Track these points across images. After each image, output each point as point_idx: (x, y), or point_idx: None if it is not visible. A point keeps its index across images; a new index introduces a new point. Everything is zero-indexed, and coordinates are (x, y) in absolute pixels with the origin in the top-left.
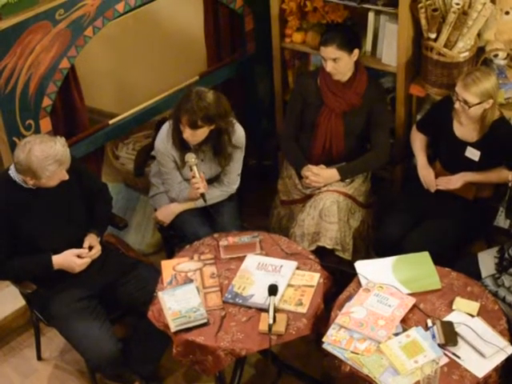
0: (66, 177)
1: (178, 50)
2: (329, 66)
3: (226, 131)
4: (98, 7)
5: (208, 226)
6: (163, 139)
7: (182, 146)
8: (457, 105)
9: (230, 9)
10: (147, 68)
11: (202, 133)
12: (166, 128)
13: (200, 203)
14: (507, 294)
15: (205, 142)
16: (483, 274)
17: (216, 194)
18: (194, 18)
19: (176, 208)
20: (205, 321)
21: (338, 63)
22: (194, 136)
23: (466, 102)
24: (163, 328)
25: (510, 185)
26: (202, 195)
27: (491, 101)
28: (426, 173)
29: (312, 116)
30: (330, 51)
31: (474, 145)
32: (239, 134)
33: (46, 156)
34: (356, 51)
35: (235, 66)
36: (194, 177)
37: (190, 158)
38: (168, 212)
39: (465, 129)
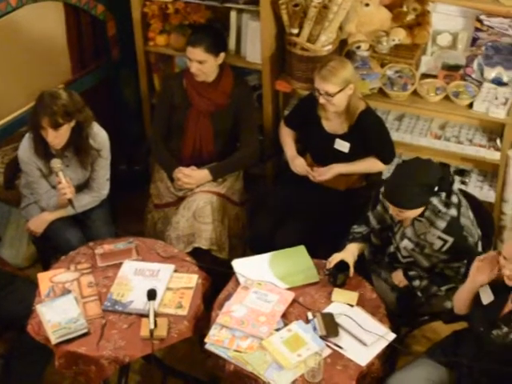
0: None
1: (41, 59)
2: (193, 67)
3: (86, 129)
4: None
5: (81, 234)
6: (25, 149)
7: (45, 153)
8: (321, 100)
9: (91, 15)
10: (10, 79)
11: (65, 132)
12: (27, 138)
13: (71, 211)
14: (389, 276)
15: (67, 147)
16: (367, 257)
17: (87, 201)
18: (55, 25)
19: (47, 217)
20: (85, 331)
21: (204, 65)
22: (58, 137)
23: (328, 94)
24: (44, 341)
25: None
26: (70, 201)
27: (352, 85)
28: (297, 162)
29: (180, 118)
30: (197, 53)
31: (343, 137)
32: (101, 135)
33: None
34: (222, 55)
35: (100, 72)
36: (60, 183)
37: (56, 163)
38: (39, 221)
39: (332, 122)
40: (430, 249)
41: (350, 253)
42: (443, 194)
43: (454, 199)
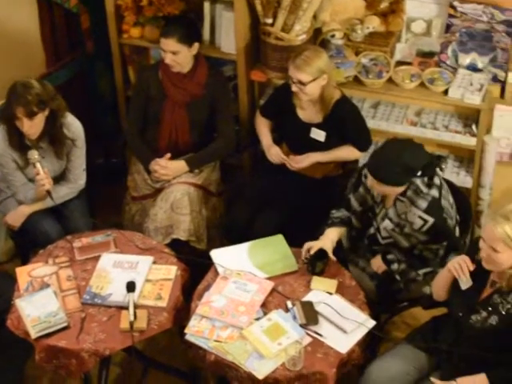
0: None
1: (15, 53)
2: (168, 58)
3: (60, 118)
4: None
5: (59, 226)
6: (0, 141)
7: (20, 145)
8: (294, 88)
9: (64, 8)
10: None
11: (40, 121)
12: (0, 130)
13: (49, 203)
14: (367, 265)
15: (42, 137)
16: (345, 245)
17: (64, 192)
18: (28, 19)
19: (25, 210)
20: (65, 324)
21: (178, 56)
22: (33, 127)
23: (301, 83)
24: (24, 335)
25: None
26: (49, 192)
27: (325, 76)
28: (273, 151)
29: (156, 109)
30: (170, 44)
31: (319, 126)
32: (75, 125)
33: None
34: (196, 45)
35: (75, 65)
36: (38, 174)
37: (33, 154)
38: (17, 215)
39: (307, 111)
40: (409, 228)
41: (328, 240)
42: (426, 177)
43: (437, 181)
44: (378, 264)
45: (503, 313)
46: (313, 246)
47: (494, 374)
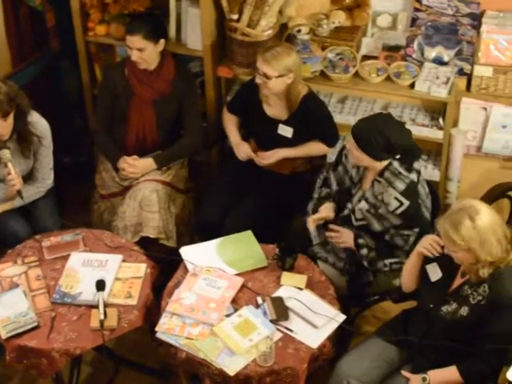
0: None
1: None
2: (134, 56)
3: (26, 116)
4: None
5: (28, 226)
6: None
7: None
8: (258, 79)
9: (29, 6)
10: None
11: (11, 120)
12: None
13: (18, 203)
14: (336, 260)
15: (9, 137)
16: (314, 242)
17: (32, 191)
18: None
19: None
20: (35, 324)
21: (144, 52)
22: (6, 127)
23: (266, 76)
24: None
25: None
26: (19, 192)
27: (292, 75)
28: (242, 148)
29: (123, 107)
30: (136, 41)
31: (286, 122)
32: (41, 124)
33: None
34: (162, 41)
35: (41, 63)
36: (9, 173)
37: (4, 154)
38: None
39: (274, 107)
40: (384, 209)
41: (327, 209)
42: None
43: (416, 166)
44: (346, 236)
45: (473, 303)
46: (317, 217)
47: (465, 365)
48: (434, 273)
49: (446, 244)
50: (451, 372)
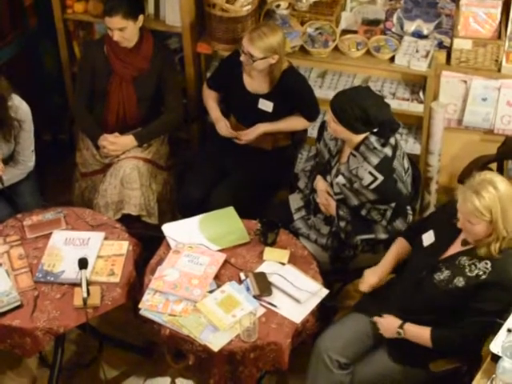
0: None
1: None
2: (116, 36)
3: (6, 100)
4: None
5: (9, 208)
6: None
7: None
8: (242, 57)
9: None
10: None
11: None
12: None
13: None
14: (318, 236)
15: None
16: (295, 217)
17: (14, 174)
18: None
19: None
20: (18, 303)
21: (125, 31)
22: None
23: (251, 56)
24: None
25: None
26: (0, 178)
27: (276, 56)
28: (222, 124)
29: (102, 84)
30: (116, 21)
31: (266, 96)
32: (22, 108)
33: None
34: (141, 17)
35: (18, 43)
36: None
37: None
38: None
39: (255, 81)
40: (359, 184)
41: (322, 181)
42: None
43: (392, 141)
44: (333, 204)
45: (470, 275)
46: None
47: (438, 332)
48: (428, 238)
49: (466, 216)
50: (424, 332)
